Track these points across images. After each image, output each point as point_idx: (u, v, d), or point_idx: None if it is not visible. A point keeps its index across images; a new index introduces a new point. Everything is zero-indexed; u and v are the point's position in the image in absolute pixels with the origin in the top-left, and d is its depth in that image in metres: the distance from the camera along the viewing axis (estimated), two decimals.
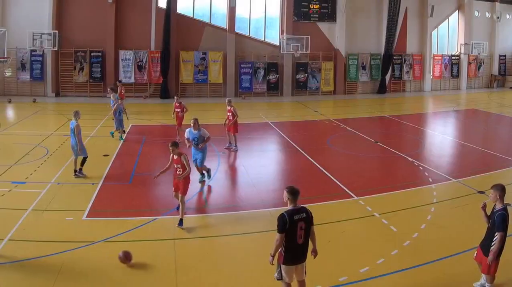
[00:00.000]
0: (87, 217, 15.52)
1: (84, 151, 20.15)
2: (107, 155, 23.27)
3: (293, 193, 9.66)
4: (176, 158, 15.12)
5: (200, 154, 19.27)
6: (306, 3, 52.15)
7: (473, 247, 11.54)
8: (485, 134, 32.47)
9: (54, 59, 45.41)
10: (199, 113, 38.16)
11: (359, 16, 54.07)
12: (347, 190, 18.69)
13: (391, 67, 55.73)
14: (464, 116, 40.20)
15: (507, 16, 63.14)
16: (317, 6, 52.57)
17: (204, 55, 48.65)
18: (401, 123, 35.31)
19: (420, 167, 22.37)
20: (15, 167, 21.07)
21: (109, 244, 13.42)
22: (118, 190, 17.96)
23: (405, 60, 56.90)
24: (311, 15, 52.61)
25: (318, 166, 22.38)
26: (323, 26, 53.16)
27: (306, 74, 52.28)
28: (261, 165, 23.32)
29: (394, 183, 20.19)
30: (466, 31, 59.79)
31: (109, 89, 31.08)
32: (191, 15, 49.51)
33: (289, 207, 9.63)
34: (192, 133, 19.19)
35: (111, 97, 29.54)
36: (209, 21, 50.09)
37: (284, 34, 50.25)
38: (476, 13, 60.73)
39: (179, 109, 27.03)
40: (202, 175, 19.75)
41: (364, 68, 54.91)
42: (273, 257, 9.67)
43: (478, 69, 62.39)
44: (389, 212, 16.29)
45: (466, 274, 11.56)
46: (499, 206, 10.59)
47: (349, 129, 31.84)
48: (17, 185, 18.38)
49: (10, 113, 37.33)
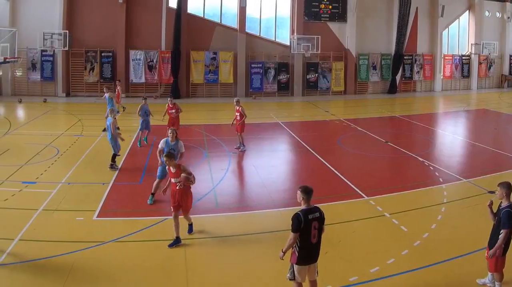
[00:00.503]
0: (97, 217, 15.57)
1: (115, 148, 20.85)
2: (118, 155, 23.33)
3: (307, 192, 9.70)
4: (174, 171, 13.76)
5: None
6: (317, 3, 52.13)
7: (483, 247, 11.46)
8: (495, 134, 32.33)
9: (65, 59, 45.55)
10: (210, 113, 38.50)
11: (369, 16, 54.00)
12: (357, 190, 18.67)
13: (401, 67, 55.64)
14: (475, 116, 39.99)
15: None
16: (328, 6, 52.48)
17: (214, 55, 48.67)
18: (411, 123, 35.20)
19: (431, 167, 22.30)
20: (25, 167, 21.15)
21: (119, 244, 13.44)
22: (128, 190, 17.98)
23: (415, 60, 56.77)
24: (322, 15, 52.55)
25: (329, 166, 22.37)
26: (333, 26, 53.09)
27: (316, 74, 52.21)
28: (271, 165, 23.26)
29: (404, 183, 20.16)
30: (476, 31, 59.59)
31: (105, 88, 30.86)
32: (202, 15, 49.56)
33: (303, 207, 9.64)
34: (168, 144, 17.11)
35: (107, 96, 29.41)
36: (219, 21, 50.12)
37: (295, 34, 50.21)
38: (486, 13, 60.48)
39: (173, 111, 26.41)
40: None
41: (374, 68, 54.83)
42: (284, 253, 9.64)
43: (489, 69, 62.11)
44: (399, 212, 16.26)
45: (476, 274, 11.50)
46: (505, 203, 10.67)
47: (360, 129, 31.79)
48: (27, 185, 18.45)
49: (21, 113, 37.47)
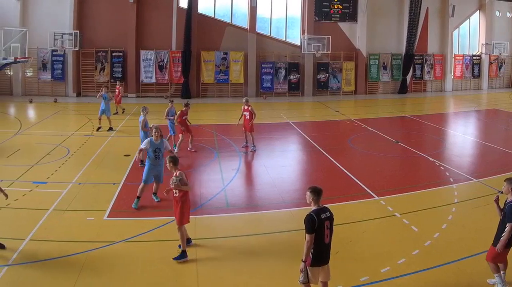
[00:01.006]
0: (108, 217, 15.60)
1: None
2: (128, 155, 23.33)
3: (317, 192, 9.59)
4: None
5: (161, 169, 17.03)
6: (327, 3, 52.13)
7: None
8: (506, 134, 32.10)
9: (75, 59, 45.74)
10: (220, 113, 38.55)
11: (380, 16, 53.92)
12: (368, 190, 18.65)
13: (412, 67, 55.52)
14: (485, 117, 39.86)
15: None
16: (338, 6, 52.46)
17: (225, 55, 48.74)
18: (422, 123, 35.07)
19: (441, 167, 22.24)
20: (36, 167, 21.22)
21: (130, 244, 13.46)
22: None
23: (426, 60, 56.66)
24: (332, 15, 52.56)
25: (339, 166, 22.35)
26: (344, 26, 53.07)
27: (327, 74, 52.21)
28: (282, 164, 23.24)
29: (415, 183, 20.09)
30: (487, 31, 59.42)
31: (103, 87, 30.89)
32: (212, 15, 49.60)
33: (314, 207, 9.57)
34: (153, 144, 16.55)
35: (103, 92, 29.46)
36: (230, 21, 50.15)
37: (305, 34, 50.24)
38: (497, 13, 60.24)
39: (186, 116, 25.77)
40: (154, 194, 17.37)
41: (385, 68, 54.74)
42: (305, 261, 9.45)
43: (499, 69, 61.95)
44: (410, 212, 16.23)
45: (487, 274, 11.42)
46: (510, 198, 10.84)
47: (370, 129, 31.74)
48: (38, 185, 18.51)
49: (31, 113, 37.62)
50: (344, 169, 21.75)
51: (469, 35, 60.79)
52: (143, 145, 16.74)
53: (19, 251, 12.65)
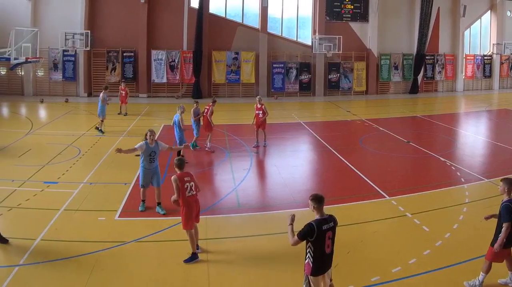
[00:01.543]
0: (119, 217, 15.65)
1: (178, 143, 21.63)
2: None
3: (318, 200, 9.27)
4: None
5: (157, 171, 16.82)
6: (339, 3, 52.10)
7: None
8: None
9: (86, 59, 45.91)
10: (231, 113, 38.49)
11: (391, 16, 53.77)
12: (379, 190, 18.59)
13: (423, 67, 55.39)
14: (496, 117, 39.76)
15: None
16: (349, 6, 52.44)
17: (236, 55, 48.78)
18: (433, 123, 34.97)
19: (452, 167, 22.19)
20: (47, 167, 21.31)
21: (141, 244, 13.50)
22: (150, 190, 17.96)
23: (437, 60, 56.46)
24: (344, 15, 52.50)
25: (351, 166, 22.32)
26: (355, 26, 53.03)
27: (338, 74, 52.17)
28: (293, 164, 23.23)
29: (426, 183, 20.03)
30: (498, 31, 59.12)
31: (103, 88, 30.91)
32: (223, 15, 49.68)
33: (317, 216, 9.26)
34: (149, 147, 16.37)
35: (105, 96, 29.44)
36: (241, 21, 50.24)
37: (317, 34, 50.14)
38: (508, 13, 59.97)
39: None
40: (143, 201, 16.66)
41: (396, 68, 54.60)
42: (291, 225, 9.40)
43: (511, 69, 61.52)
44: (421, 212, 16.19)
45: (498, 274, 11.39)
46: (505, 198, 10.92)
47: (381, 129, 31.68)
48: (49, 185, 18.59)
49: (43, 113, 37.76)
50: (355, 169, 21.71)
51: (480, 35, 60.55)
52: (137, 146, 16.45)
53: (30, 251, 12.69)
